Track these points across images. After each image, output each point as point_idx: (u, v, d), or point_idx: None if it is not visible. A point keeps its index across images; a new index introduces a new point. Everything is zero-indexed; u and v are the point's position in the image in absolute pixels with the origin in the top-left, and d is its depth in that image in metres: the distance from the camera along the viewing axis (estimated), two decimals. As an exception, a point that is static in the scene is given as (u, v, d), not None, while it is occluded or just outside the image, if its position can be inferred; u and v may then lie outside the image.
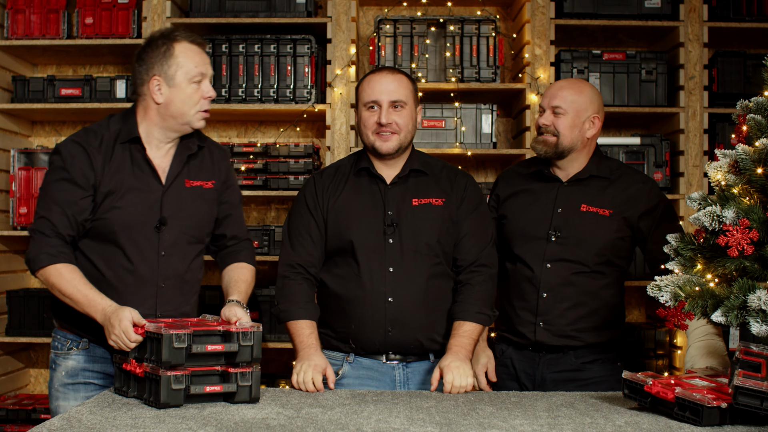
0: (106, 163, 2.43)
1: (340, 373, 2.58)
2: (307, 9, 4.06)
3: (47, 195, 2.42)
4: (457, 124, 4.07)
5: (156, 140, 2.48)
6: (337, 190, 2.64)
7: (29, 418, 4.00)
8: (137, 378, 2.20)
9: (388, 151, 2.58)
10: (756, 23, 4.06)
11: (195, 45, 2.46)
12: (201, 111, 2.46)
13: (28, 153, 4.19)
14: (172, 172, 2.49)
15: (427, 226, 2.59)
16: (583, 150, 2.78)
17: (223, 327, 2.21)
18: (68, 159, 2.42)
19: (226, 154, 2.69)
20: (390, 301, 2.54)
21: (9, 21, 4.16)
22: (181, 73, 2.42)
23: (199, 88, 2.44)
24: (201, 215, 2.55)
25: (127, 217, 2.42)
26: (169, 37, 2.44)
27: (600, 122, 2.78)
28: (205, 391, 2.16)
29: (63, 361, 2.51)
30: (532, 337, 2.73)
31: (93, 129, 2.50)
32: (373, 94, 2.57)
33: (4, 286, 4.19)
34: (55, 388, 2.51)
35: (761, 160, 2.05)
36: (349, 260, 2.58)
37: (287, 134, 4.42)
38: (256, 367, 2.22)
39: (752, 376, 1.90)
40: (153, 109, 2.45)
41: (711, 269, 2.09)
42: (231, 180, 2.66)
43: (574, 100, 2.74)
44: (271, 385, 3.88)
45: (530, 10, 4.03)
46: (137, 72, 2.47)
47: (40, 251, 2.37)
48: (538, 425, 2.00)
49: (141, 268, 2.44)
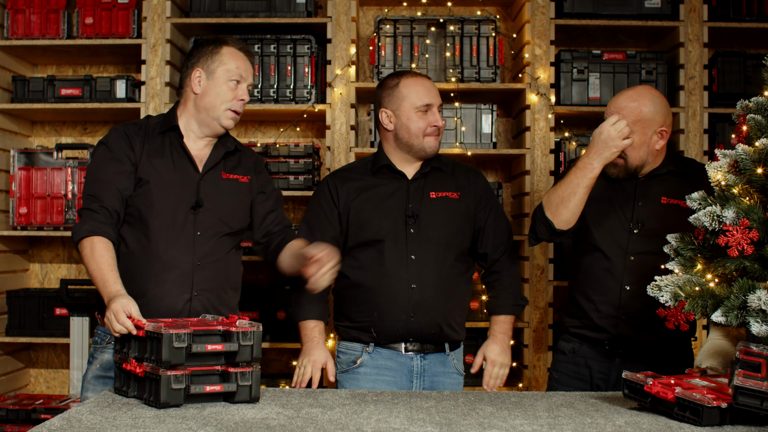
0: (145, 146, 2.55)
1: (358, 361, 2.73)
2: (307, 9, 4.06)
3: (92, 176, 2.53)
4: (457, 124, 4.07)
5: (193, 134, 2.61)
6: (356, 187, 2.78)
7: (29, 418, 4.00)
8: (137, 378, 2.20)
9: (436, 151, 2.79)
10: (756, 23, 4.06)
11: (241, 52, 2.60)
12: (231, 110, 2.57)
13: (28, 153, 4.19)
14: (209, 162, 2.61)
15: (444, 217, 2.76)
16: (655, 159, 2.73)
17: (222, 327, 2.22)
18: (110, 142, 2.55)
19: (262, 159, 2.82)
20: (413, 288, 2.69)
21: (9, 21, 4.16)
22: (221, 70, 2.55)
23: (236, 89, 2.57)
24: (235, 206, 2.64)
25: (165, 197, 2.51)
26: (221, 40, 2.61)
27: (669, 133, 2.70)
28: (205, 391, 2.16)
29: (100, 354, 2.58)
30: (614, 330, 2.69)
31: (133, 122, 2.64)
32: (428, 97, 2.75)
33: (4, 286, 4.19)
34: (87, 380, 2.58)
35: (761, 160, 2.05)
36: (372, 251, 2.73)
37: (287, 134, 4.42)
38: (256, 366, 2.22)
39: (752, 376, 1.90)
40: (191, 100, 2.59)
41: (711, 269, 2.09)
42: (269, 180, 2.79)
43: (639, 117, 2.63)
44: (271, 385, 3.88)
45: (530, 10, 4.03)
46: (184, 66, 2.62)
47: (83, 225, 2.45)
48: (538, 425, 2.00)
49: (176, 247, 2.51)
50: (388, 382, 2.72)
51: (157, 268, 2.51)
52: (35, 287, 4.43)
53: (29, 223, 4.13)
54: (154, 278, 2.49)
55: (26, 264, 4.45)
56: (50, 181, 4.15)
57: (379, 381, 2.72)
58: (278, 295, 4.00)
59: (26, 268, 4.46)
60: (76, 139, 4.49)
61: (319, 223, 2.78)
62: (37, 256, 4.48)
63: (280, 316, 3.98)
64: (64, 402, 4.08)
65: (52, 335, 4.11)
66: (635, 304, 2.65)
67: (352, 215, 2.75)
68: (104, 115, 4.30)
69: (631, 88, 2.76)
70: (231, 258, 2.65)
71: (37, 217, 4.14)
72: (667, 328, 2.60)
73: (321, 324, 2.76)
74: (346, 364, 2.77)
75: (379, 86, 2.82)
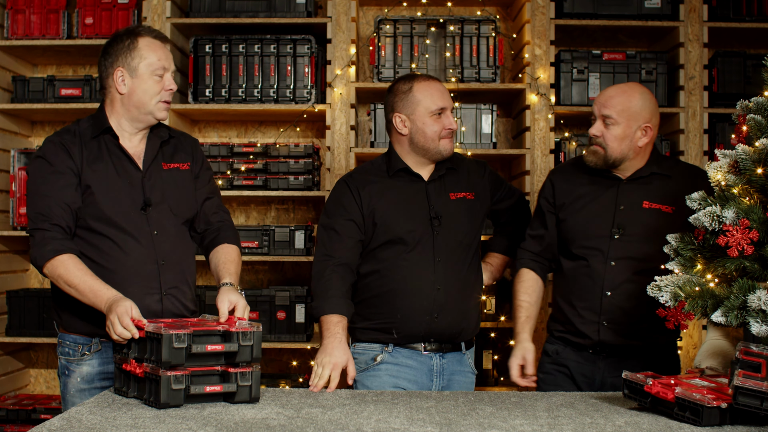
0: (84, 153, 2.49)
1: (378, 359, 2.72)
2: (307, 9, 4.06)
3: (36, 193, 2.46)
4: (457, 124, 4.06)
5: (127, 132, 2.55)
6: (375, 190, 2.76)
7: (29, 418, 4.01)
8: (137, 378, 2.20)
9: (451, 153, 2.80)
10: (756, 23, 4.06)
11: (158, 40, 2.54)
12: (162, 101, 2.53)
13: (28, 153, 4.19)
14: (147, 157, 2.56)
15: (464, 218, 2.78)
16: (636, 157, 2.69)
17: (222, 327, 2.22)
18: (48, 155, 2.48)
19: (197, 142, 2.75)
20: (438, 289, 2.69)
21: (9, 21, 4.16)
22: (143, 65, 2.50)
23: (161, 80, 2.52)
24: (182, 194, 2.60)
25: (112, 203, 2.46)
26: (134, 32, 2.53)
27: (653, 131, 2.67)
28: (205, 391, 2.16)
29: (77, 367, 2.50)
30: (596, 336, 2.67)
31: (65, 129, 2.57)
32: (441, 101, 2.75)
33: (4, 286, 4.19)
34: (70, 394, 2.50)
35: (761, 160, 2.05)
36: (396, 253, 2.72)
37: (287, 134, 4.42)
38: (256, 366, 2.22)
39: (752, 376, 1.90)
40: (117, 100, 2.53)
41: (711, 269, 2.09)
42: (205, 164, 2.73)
43: (625, 108, 2.63)
44: (271, 385, 3.87)
45: (530, 10, 4.03)
46: (103, 66, 2.55)
47: (43, 246, 2.38)
48: (538, 425, 2.00)
49: (137, 250, 2.47)
50: (410, 380, 2.70)
51: (122, 275, 2.44)
52: (35, 287, 4.43)
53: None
54: (121, 286, 2.38)
55: (26, 264, 4.45)
56: (50, 181, 4.15)
57: (400, 378, 2.69)
58: (278, 295, 4.00)
59: (26, 268, 4.46)
60: (76, 139, 4.48)
61: (345, 228, 2.73)
62: (37, 256, 4.48)
63: (280, 316, 3.98)
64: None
65: (52, 335, 4.10)
66: (616, 309, 2.64)
67: (378, 217, 2.72)
68: (104, 115, 4.29)
69: (617, 85, 2.76)
70: (189, 251, 2.62)
71: (37, 217, 4.14)
72: (649, 333, 2.63)
73: (345, 320, 2.64)
74: (365, 363, 2.73)
75: (390, 91, 2.81)
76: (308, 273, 3.87)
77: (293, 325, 3.98)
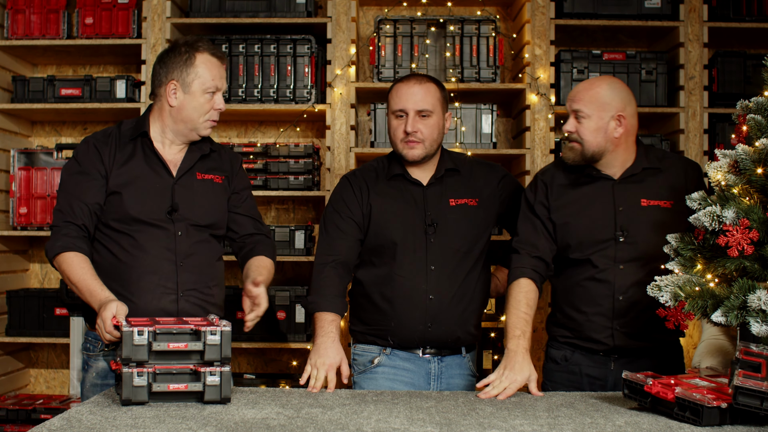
0: (116, 155, 2.55)
1: (375, 361, 2.71)
2: (307, 9, 4.06)
3: (62, 191, 2.56)
4: (457, 124, 4.07)
5: (168, 141, 2.60)
6: (374, 191, 2.75)
7: (29, 418, 4.00)
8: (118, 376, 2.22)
9: (414, 159, 2.71)
10: (756, 23, 4.05)
11: (215, 58, 2.56)
12: (209, 120, 2.57)
13: (28, 153, 4.19)
14: (183, 166, 2.60)
15: (464, 225, 2.72)
16: (617, 150, 2.63)
17: (195, 326, 2.20)
18: (79, 155, 2.56)
19: (238, 157, 2.79)
20: (431, 299, 2.66)
21: (9, 21, 4.16)
22: (197, 83, 2.53)
23: (212, 99, 2.55)
24: (212, 205, 2.63)
25: (139, 204, 2.51)
26: (193, 46, 2.54)
27: (628, 120, 2.60)
28: (168, 389, 2.15)
29: (94, 362, 2.58)
30: (611, 342, 2.60)
31: (104, 130, 2.64)
32: (400, 103, 2.69)
33: (4, 286, 4.19)
34: (86, 388, 2.59)
35: (761, 160, 2.05)
36: (389, 259, 2.69)
37: (287, 134, 4.42)
38: (226, 366, 2.19)
39: (752, 376, 1.90)
40: (166, 111, 2.56)
41: (711, 269, 2.09)
42: (244, 178, 2.77)
43: (593, 99, 2.60)
44: (271, 385, 3.87)
45: (530, 10, 4.03)
46: (157, 73, 2.57)
47: (55, 242, 2.48)
48: (538, 425, 2.00)
49: (156, 249, 2.51)
50: (406, 383, 2.69)
51: (138, 271, 2.50)
52: (35, 287, 4.43)
53: (29, 223, 4.14)
54: (138, 284, 2.48)
55: (26, 264, 4.45)
56: (50, 181, 4.15)
57: (397, 381, 2.69)
58: (278, 295, 4.00)
59: (26, 268, 4.46)
60: (76, 139, 4.49)
61: (347, 226, 2.72)
62: (37, 256, 4.48)
63: (280, 316, 3.98)
64: (64, 402, 4.08)
65: (52, 335, 4.11)
66: (629, 313, 2.58)
67: (373, 218, 2.72)
68: (104, 115, 4.30)
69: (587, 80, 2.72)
70: (213, 255, 2.64)
71: (37, 217, 4.14)
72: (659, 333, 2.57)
73: (339, 319, 2.64)
74: (363, 365, 2.75)
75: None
76: (308, 273, 3.87)
77: (293, 325, 3.98)
